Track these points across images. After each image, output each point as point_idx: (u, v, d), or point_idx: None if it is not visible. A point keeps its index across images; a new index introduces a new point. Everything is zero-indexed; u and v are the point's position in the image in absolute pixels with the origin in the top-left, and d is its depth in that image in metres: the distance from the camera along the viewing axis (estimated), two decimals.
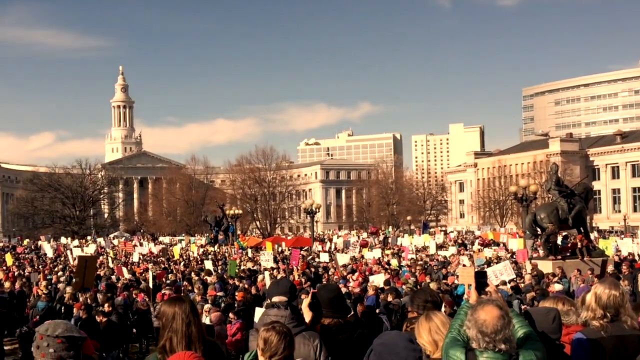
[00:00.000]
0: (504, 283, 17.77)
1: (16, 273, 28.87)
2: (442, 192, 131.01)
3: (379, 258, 33.60)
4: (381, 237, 61.69)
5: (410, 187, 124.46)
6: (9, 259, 39.39)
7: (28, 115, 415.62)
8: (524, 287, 19.01)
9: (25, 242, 69.97)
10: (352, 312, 8.42)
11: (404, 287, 17.97)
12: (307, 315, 5.53)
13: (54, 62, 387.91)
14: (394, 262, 30.75)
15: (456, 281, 19.31)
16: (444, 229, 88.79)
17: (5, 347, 17.29)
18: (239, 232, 73.54)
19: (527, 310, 5.42)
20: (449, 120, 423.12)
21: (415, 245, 46.22)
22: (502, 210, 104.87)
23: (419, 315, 5.27)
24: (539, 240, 28.32)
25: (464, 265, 24.34)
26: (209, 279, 22.62)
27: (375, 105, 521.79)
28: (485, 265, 25.61)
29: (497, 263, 24.25)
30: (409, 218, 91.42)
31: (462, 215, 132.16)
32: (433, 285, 16.43)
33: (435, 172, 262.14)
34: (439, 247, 43.37)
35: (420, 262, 30.11)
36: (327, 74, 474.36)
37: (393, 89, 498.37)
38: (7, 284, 23.09)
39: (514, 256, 30.34)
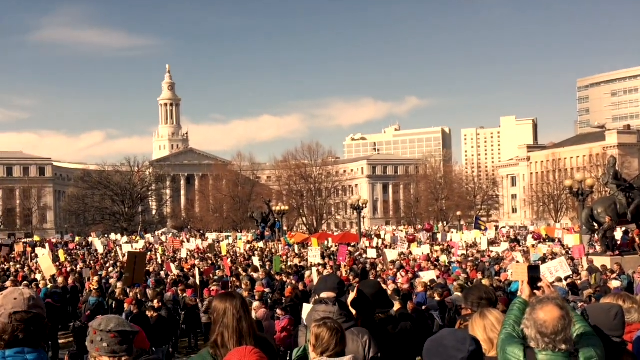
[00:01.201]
0: (560, 280, 17.36)
1: (69, 269, 29.82)
2: (493, 186, 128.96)
3: (428, 254, 33.31)
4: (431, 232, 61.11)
5: (459, 181, 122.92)
6: (62, 255, 40.72)
7: (78, 114, 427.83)
8: (581, 284, 18.55)
9: (77, 238, 72.13)
10: (400, 307, 8.34)
11: (454, 284, 17.74)
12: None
13: (102, 61, 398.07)
14: (443, 259, 30.43)
15: (509, 278, 18.97)
16: (495, 224, 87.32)
17: (60, 341, 17.90)
18: (285, 228, 74.00)
19: (585, 307, 5.26)
20: (500, 113, 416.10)
21: (465, 241, 45.63)
22: (556, 205, 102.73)
23: (473, 312, 5.19)
24: (596, 235, 27.57)
25: (517, 262, 23.91)
26: (256, 275, 22.86)
27: (422, 99, 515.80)
28: (540, 262, 25.09)
29: (552, 259, 23.72)
30: (458, 213, 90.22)
31: (514, 211, 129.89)
32: (485, 282, 16.17)
33: (486, 167, 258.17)
34: (491, 243, 42.71)
35: (471, 259, 29.69)
36: (373, 68, 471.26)
37: (441, 82, 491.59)
38: (60, 280, 23.92)
39: (570, 252, 29.62)
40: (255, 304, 14.08)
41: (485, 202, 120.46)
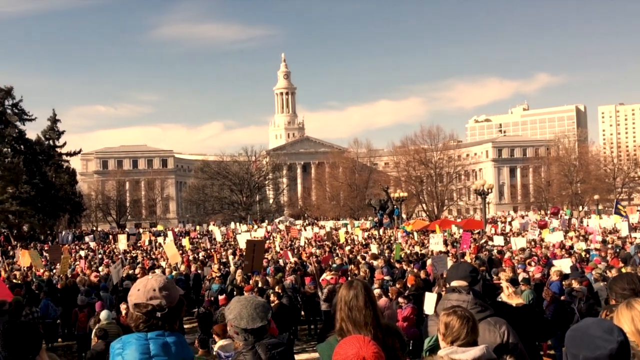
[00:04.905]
0: None
1: (191, 257, 31.45)
2: (635, 167, 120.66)
3: (562, 241, 31.84)
4: (563, 218, 58.33)
5: (597, 163, 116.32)
6: (186, 243, 43.09)
7: (198, 106, 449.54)
8: None
9: (198, 227, 75.85)
10: (522, 301, 7.99)
11: (593, 272, 16.80)
12: None
13: (220, 54, 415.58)
14: (580, 246, 28.97)
15: None
16: (638, 209, 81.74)
17: (184, 326, 18.95)
18: (404, 215, 73.60)
19: None
20: None
21: (604, 227, 43.14)
22: None
23: (618, 303, 4.92)
24: None
25: None
26: (375, 263, 22.92)
27: (554, 76, 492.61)
28: None
29: None
30: (596, 197, 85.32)
31: None
32: (628, 271, 15.15)
33: (627, 146, 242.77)
34: (633, 229, 40.00)
35: (610, 246, 28.01)
36: (498, 45, 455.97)
37: (575, 57, 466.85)
38: (182, 267, 25.32)
39: None
40: (377, 291, 14.07)
41: (626, 184, 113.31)
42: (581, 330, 3.54)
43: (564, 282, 15.21)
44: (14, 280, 21.96)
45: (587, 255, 24.28)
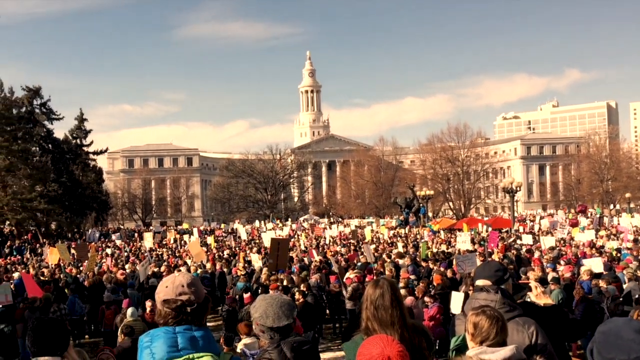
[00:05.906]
0: None
1: (216, 255, 31.67)
2: None
3: (592, 240, 31.42)
4: (593, 217, 57.50)
5: (628, 160, 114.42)
6: (212, 241, 43.40)
7: (223, 105, 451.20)
8: None
9: (223, 225, 76.35)
10: (552, 302, 7.89)
11: (624, 272, 16.55)
12: None
13: (245, 52, 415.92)
14: (611, 245, 28.57)
15: None
16: None
17: (208, 324, 19.07)
18: (430, 213, 73.19)
19: None
20: None
21: (635, 226, 42.48)
22: None
23: None
24: None
25: None
26: (401, 262, 22.84)
27: (585, 72, 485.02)
28: None
29: None
30: (627, 195, 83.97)
31: None
32: None
33: None
34: None
35: None
36: (527, 40, 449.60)
37: (607, 53, 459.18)
38: (208, 265, 25.51)
39: None
40: (402, 291, 14.02)
41: None
42: (612, 333, 3.48)
43: (592, 282, 15.03)
44: (42, 278, 22.36)
45: (618, 255, 23.95)
